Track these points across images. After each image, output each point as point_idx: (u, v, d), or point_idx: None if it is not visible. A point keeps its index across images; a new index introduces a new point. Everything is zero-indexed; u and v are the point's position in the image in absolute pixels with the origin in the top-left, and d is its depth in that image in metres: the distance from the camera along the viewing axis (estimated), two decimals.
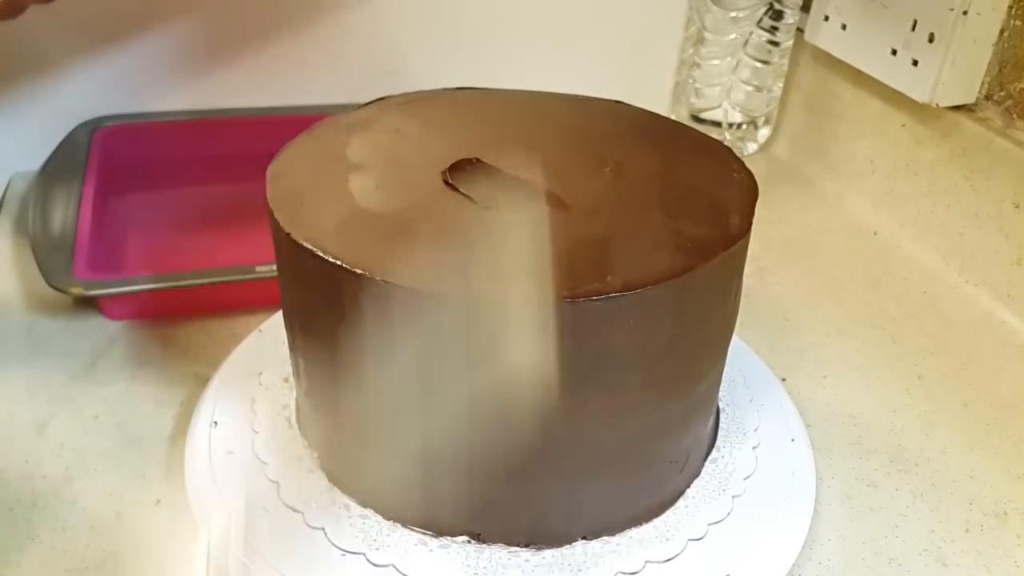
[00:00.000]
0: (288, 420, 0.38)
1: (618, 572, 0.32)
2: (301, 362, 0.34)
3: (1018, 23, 0.51)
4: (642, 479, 0.33)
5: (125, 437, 0.40)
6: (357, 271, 0.28)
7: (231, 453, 0.36)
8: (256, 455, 0.36)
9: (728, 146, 0.37)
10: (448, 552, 0.32)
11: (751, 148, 0.68)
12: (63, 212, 0.48)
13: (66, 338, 0.45)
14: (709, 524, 0.34)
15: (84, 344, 0.45)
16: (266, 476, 0.35)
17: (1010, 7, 0.51)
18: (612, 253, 0.29)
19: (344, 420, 0.32)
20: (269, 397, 0.39)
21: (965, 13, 0.51)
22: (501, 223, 0.31)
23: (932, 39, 0.53)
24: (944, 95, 0.53)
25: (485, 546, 0.32)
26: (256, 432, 0.37)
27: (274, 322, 0.43)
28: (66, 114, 0.58)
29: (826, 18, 0.61)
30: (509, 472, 0.31)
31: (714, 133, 0.65)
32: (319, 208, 0.31)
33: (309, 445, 0.36)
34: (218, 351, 0.42)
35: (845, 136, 0.63)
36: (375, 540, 0.32)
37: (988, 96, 0.54)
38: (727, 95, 0.65)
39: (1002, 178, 0.51)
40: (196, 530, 0.34)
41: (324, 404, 0.33)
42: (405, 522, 0.33)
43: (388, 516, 0.33)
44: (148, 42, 0.58)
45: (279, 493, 0.34)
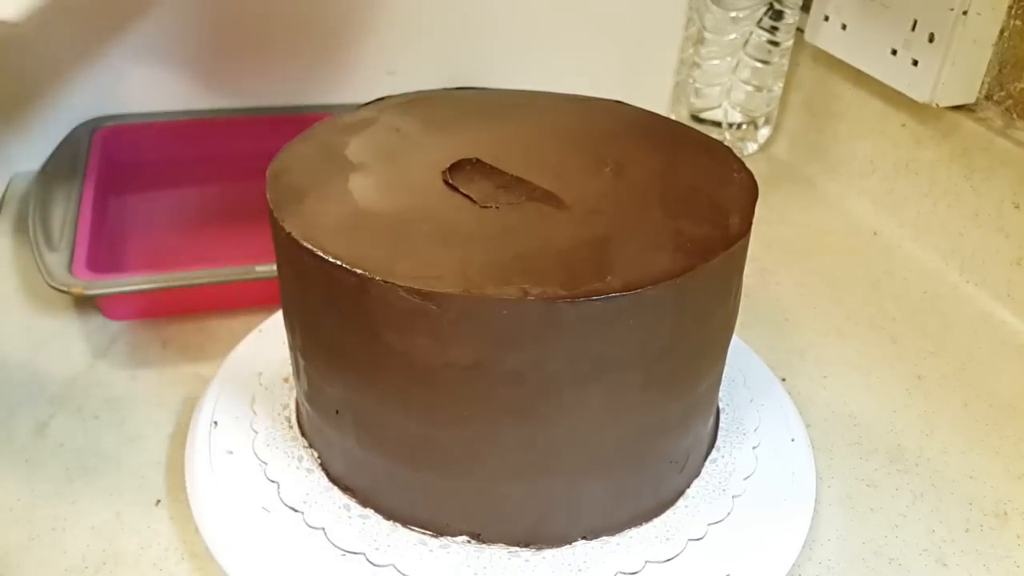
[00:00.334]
0: (288, 420, 0.38)
1: (618, 572, 0.32)
2: (301, 362, 0.34)
3: (1018, 23, 0.51)
4: (642, 479, 0.33)
5: (125, 437, 0.40)
6: (357, 271, 0.28)
7: (231, 453, 0.36)
8: (256, 455, 0.36)
9: (728, 146, 0.37)
10: (448, 552, 0.32)
11: (751, 148, 0.68)
12: (63, 212, 0.48)
13: (66, 338, 0.45)
14: (709, 524, 0.34)
15: (84, 344, 0.45)
16: (266, 476, 0.35)
17: (1010, 7, 0.51)
18: (612, 253, 0.29)
19: (344, 420, 0.32)
20: (269, 397, 0.39)
21: (965, 13, 0.51)
22: (501, 223, 0.31)
23: (932, 39, 0.53)
24: (944, 95, 0.53)
25: (485, 546, 0.32)
26: (256, 432, 0.37)
27: (274, 322, 0.43)
28: (66, 114, 0.58)
29: (826, 18, 0.61)
30: (509, 472, 0.31)
31: (714, 133, 0.65)
32: (319, 208, 0.31)
33: (309, 445, 0.36)
34: (218, 351, 0.42)
35: (845, 136, 0.63)
36: (375, 540, 0.32)
37: (988, 96, 0.54)
38: (727, 95, 0.65)
39: (1002, 178, 0.51)
40: (196, 530, 0.34)
41: (324, 404, 0.33)
42: (405, 522, 0.33)
43: (388, 516, 0.33)
44: (148, 42, 0.58)
45: (279, 493, 0.34)
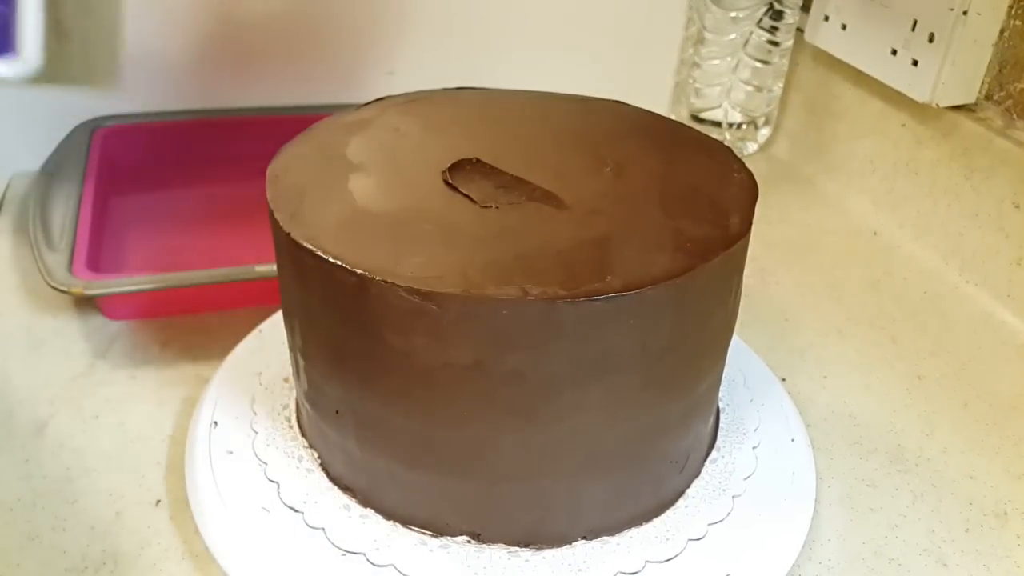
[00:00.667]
0: (288, 420, 0.38)
1: (618, 572, 0.32)
2: (301, 362, 0.34)
3: (1018, 23, 0.51)
4: (642, 479, 0.33)
5: (125, 437, 0.40)
6: (357, 271, 0.28)
7: (231, 453, 0.36)
8: (256, 455, 0.36)
9: (728, 146, 0.37)
10: (448, 552, 0.32)
11: (751, 148, 0.68)
12: (63, 212, 0.48)
13: (66, 338, 0.45)
14: (709, 524, 0.34)
15: (84, 344, 0.45)
16: (266, 476, 0.35)
17: (1010, 7, 0.51)
18: (612, 253, 0.29)
19: (344, 420, 0.32)
20: (269, 397, 0.39)
21: (965, 13, 0.51)
22: (501, 223, 0.31)
23: (932, 39, 0.53)
24: (944, 95, 0.53)
25: (485, 546, 0.32)
26: (256, 432, 0.37)
27: (274, 322, 0.43)
28: (66, 114, 0.58)
29: (826, 18, 0.61)
30: (509, 472, 0.31)
31: (714, 133, 0.65)
32: (319, 208, 0.31)
33: (309, 445, 0.36)
34: (218, 351, 0.42)
35: (845, 136, 0.63)
36: (375, 540, 0.32)
37: (988, 96, 0.54)
38: (727, 95, 0.65)
39: (1002, 178, 0.51)
40: (196, 530, 0.34)
41: (324, 404, 0.33)
42: (405, 522, 0.33)
43: (388, 516, 0.33)
44: (148, 42, 0.58)
45: (279, 493, 0.34)
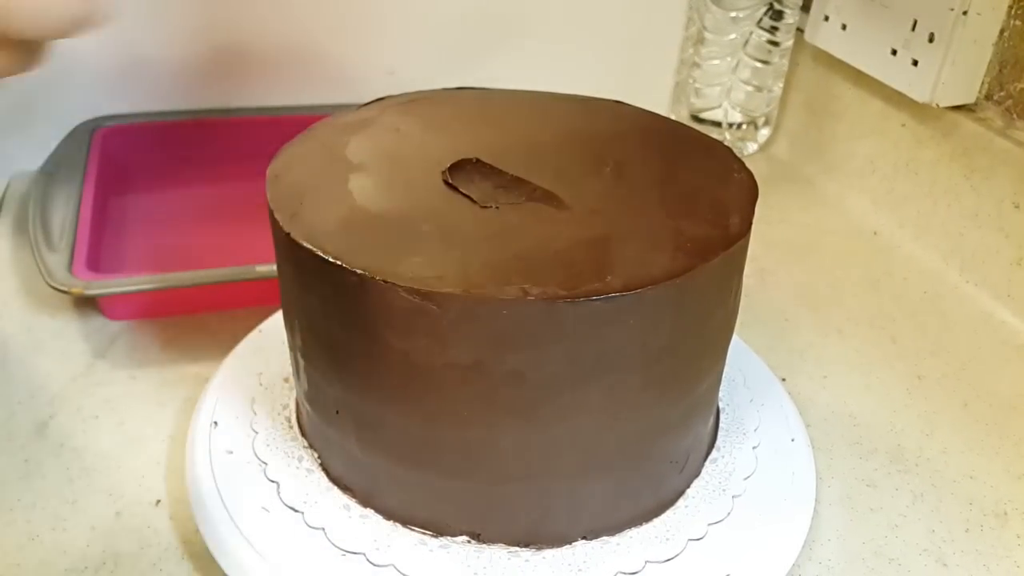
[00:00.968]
0: (288, 420, 0.38)
1: (618, 572, 0.32)
2: (301, 362, 0.34)
3: (1018, 23, 0.51)
4: (642, 479, 0.33)
5: (125, 437, 0.40)
6: (357, 271, 0.28)
7: (231, 453, 0.36)
8: (256, 455, 0.36)
9: (728, 146, 0.37)
10: (448, 552, 0.32)
11: (751, 148, 0.68)
12: (63, 212, 0.48)
13: (66, 338, 0.45)
14: (709, 524, 0.34)
15: (84, 344, 0.45)
16: (266, 476, 0.35)
17: (1010, 7, 0.51)
18: (612, 253, 0.29)
19: (344, 420, 0.32)
20: (269, 397, 0.39)
21: (965, 13, 0.51)
22: (501, 223, 0.31)
23: (932, 39, 0.53)
24: (944, 95, 0.53)
25: (485, 546, 0.32)
26: (256, 432, 0.37)
27: (274, 322, 0.43)
28: (66, 114, 0.58)
29: (826, 18, 0.61)
30: (509, 472, 0.31)
31: (714, 133, 0.65)
32: (319, 208, 0.31)
33: (309, 445, 0.36)
34: (218, 351, 0.42)
35: (845, 136, 0.63)
36: (375, 540, 0.32)
37: (988, 96, 0.54)
38: (727, 95, 0.65)
39: (1002, 178, 0.51)
40: (196, 530, 0.34)
41: (324, 404, 0.33)
42: (405, 522, 0.33)
43: (388, 516, 0.33)
44: (148, 42, 0.58)
45: (279, 493, 0.34)
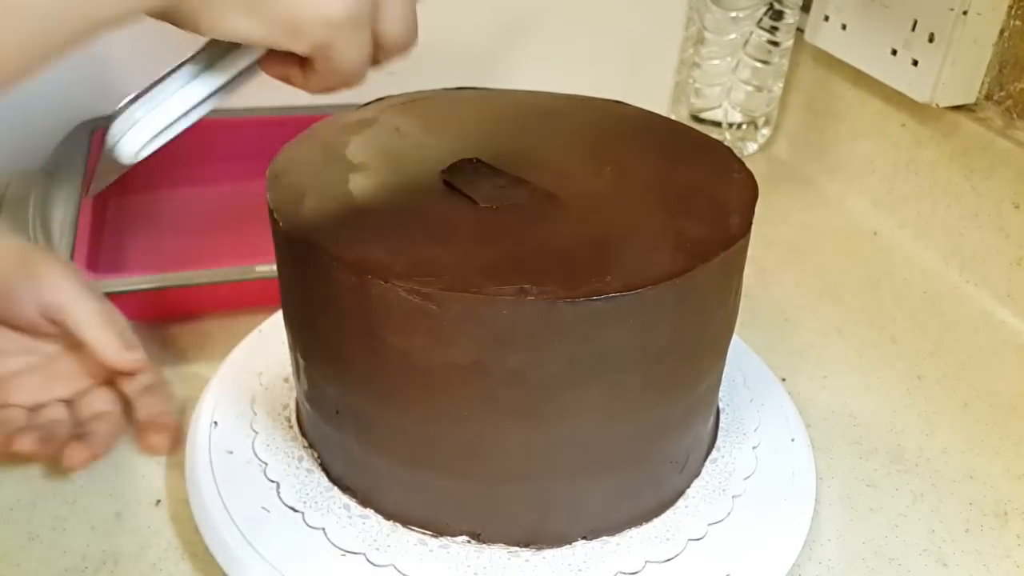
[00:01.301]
0: (288, 420, 0.38)
1: (618, 572, 0.32)
2: (301, 362, 0.34)
3: (1018, 23, 0.51)
4: (642, 479, 0.33)
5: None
6: (357, 271, 0.28)
7: (231, 453, 0.36)
8: (256, 455, 0.36)
9: (728, 146, 0.37)
10: (448, 552, 0.32)
11: (751, 148, 0.68)
12: (63, 212, 0.48)
13: None
14: (709, 524, 0.34)
15: None
16: (266, 476, 0.35)
17: (1010, 7, 0.51)
18: (612, 253, 0.29)
19: (344, 420, 0.32)
20: (269, 397, 0.39)
21: (965, 13, 0.51)
22: (501, 223, 0.31)
23: (932, 39, 0.53)
24: (944, 95, 0.53)
25: (485, 546, 0.32)
26: (256, 432, 0.37)
27: (274, 322, 0.43)
28: (66, 114, 0.58)
29: (826, 18, 0.61)
30: (509, 472, 0.31)
31: (714, 133, 0.65)
32: (319, 208, 0.31)
33: (309, 445, 0.36)
34: (218, 351, 0.42)
35: (845, 136, 0.63)
36: (375, 540, 0.32)
37: (988, 96, 0.54)
38: (727, 95, 0.65)
39: (1002, 178, 0.51)
40: (196, 530, 0.34)
41: (324, 404, 0.33)
42: (405, 522, 0.33)
43: (388, 516, 0.33)
44: (148, 42, 0.58)
45: (279, 493, 0.34)
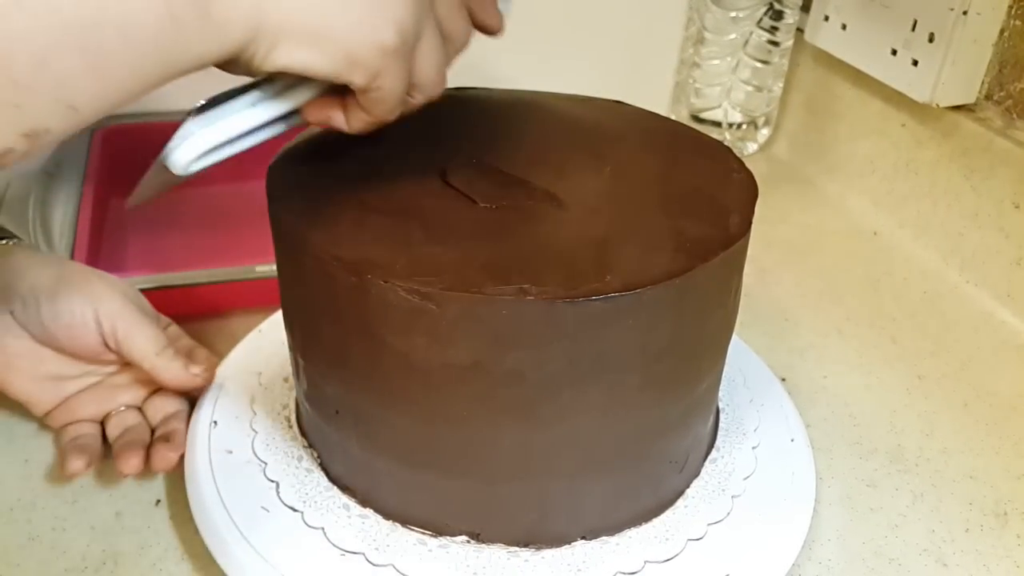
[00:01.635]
0: (288, 420, 0.38)
1: (617, 572, 0.32)
2: (301, 362, 0.34)
3: (1018, 23, 0.51)
4: (641, 479, 0.33)
5: None
6: (357, 271, 0.28)
7: (230, 452, 0.36)
8: (255, 454, 0.36)
9: (728, 146, 0.37)
10: (447, 552, 0.32)
11: (751, 148, 0.68)
12: (63, 212, 0.48)
13: None
14: (708, 524, 0.34)
15: None
16: (265, 476, 0.35)
17: (1010, 7, 0.51)
18: (611, 253, 0.29)
19: (344, 420, 0.32)
20: (269, 397, 0.39)
21: (965, 13, 0.51)
22: (500, 223, 0.31)
23: (932, 39, 0.53)
24: (944, 95, 0.53)
25: (484, 546, 0.32)
26: (256, 431, 0.37)
27: (274, 322, 0.43)
28: None
29: (826, 18, 0.61)
30: (508, 472, 0.31)
31: (714, 133, 0.65)
32: (319, 208, 0.31)
33: (309, 445, 0.36)
34: (218, 351, 0.42)
35: (845, 136, 0.63)
36: (374, 540, 0.32)
37: (988, 96, 0.54)
38: (727, 95, 0.65)
39: (1002, 178, 0.51)
40: (196, 530, 0.34)
41: (324, 404, 0.33)
42: (404, 522, 0.33)
43: (387, 516, 0.33)
44: None
45: (279, 492, 0.34)
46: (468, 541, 0.32)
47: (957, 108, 0.54)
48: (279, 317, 0.42)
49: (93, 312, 0.36)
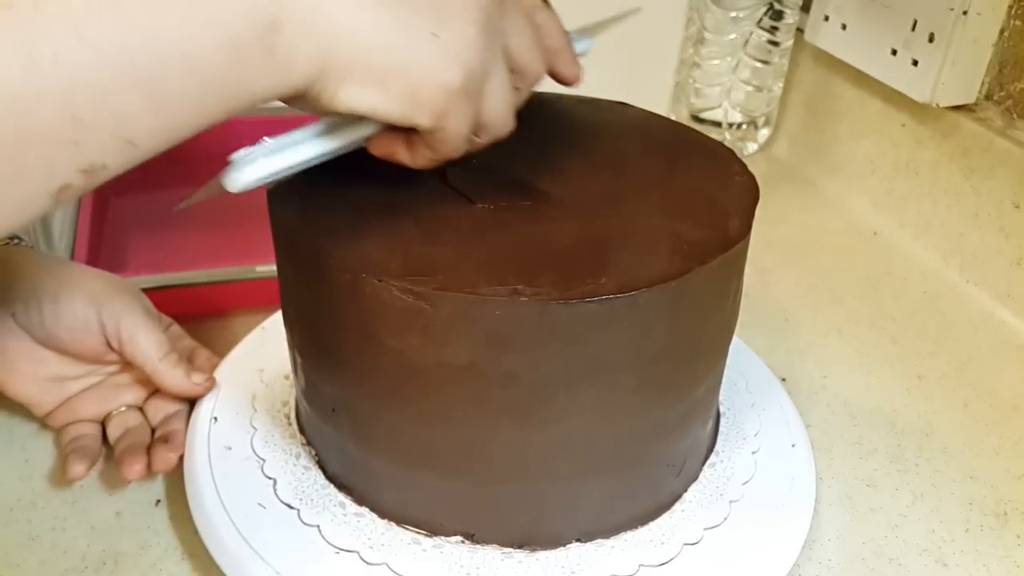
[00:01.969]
0: (287, 417, 0.38)
1: (612, 575, 0.32)
2: (299, 359, 0.34)
3: (1018, 23, 0.51)
4: (638, 482, 0.33)
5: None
6: (352, 269, 0.28)
7: (229, 449, 0.36)
8: (254, 451, 0.36)
9: (730, 148, 0.37)
10: (442, 552, 0.32)
11: (751, 148, 0.67)
12: (63, 212, 0.48)
13: None
14: (705, 529, 0.34)
15: None
16: (263, 472, 0.35)
17: (1010, 7, 0.51)
18: (608, 254, 0.29)
19: (340, 418, 0.33)
20: (269, 394, 0.39)
21: (965, 13, 0.51)
22: (497, 223, 0.31)
23: (932, 39, 0.52)
24: (944, 95, 0.53)
25: (479, 546, 0.32)
26: (255, 428, 0.37)
27: (277, 320, 0.43)
28: None
29: (826, 18, 0.61)
30: (503, 473, 0.31)
31: (714, 133, 0.65)
32: (318, 207, 0.31)
33: (307, 442, 0.36)
34: (218, 351, 0.42)
35: (845, 136, 0.63)
36: (369, 538, 0.32)
37: (988, 96, 0.54)
38: (727, 95, 0.65)
39: (1002, 178, 0.51)
40: (196, 530, 0.34)
41: (321, 402, 0.33)
42: (399, 521, 0.33)
43: (383, 515, 0.33)
44: None
45: (275, 489, 0.34)
46: (463, 541, 0.32)
47: (957, 108, 0.54)
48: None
49: (96, 313, 0.36)
